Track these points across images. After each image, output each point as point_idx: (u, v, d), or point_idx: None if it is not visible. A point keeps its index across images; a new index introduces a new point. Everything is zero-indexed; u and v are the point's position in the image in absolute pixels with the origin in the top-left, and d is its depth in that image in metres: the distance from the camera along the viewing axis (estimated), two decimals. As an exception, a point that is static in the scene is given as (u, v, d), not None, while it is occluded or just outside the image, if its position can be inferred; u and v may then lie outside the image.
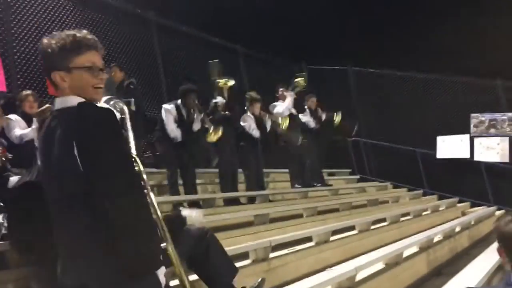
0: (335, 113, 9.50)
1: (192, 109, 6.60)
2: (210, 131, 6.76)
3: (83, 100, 1.96)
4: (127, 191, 1.85)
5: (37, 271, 2.71)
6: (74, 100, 1.95)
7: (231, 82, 7.36)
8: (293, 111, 8.68)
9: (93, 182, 1.80)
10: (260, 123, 7.72)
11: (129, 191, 1.87)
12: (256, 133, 7.63)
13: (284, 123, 7.93)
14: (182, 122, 6.55)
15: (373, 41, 13.22)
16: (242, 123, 7.63)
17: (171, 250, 2.40)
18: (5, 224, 3.06)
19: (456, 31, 12.27)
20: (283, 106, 8.45)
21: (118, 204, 1.80)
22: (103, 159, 1.84)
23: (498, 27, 11.98)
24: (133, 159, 2.14)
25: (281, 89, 8.71)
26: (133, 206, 1.85)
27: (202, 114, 6.73)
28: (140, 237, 1.84)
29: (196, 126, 6.68)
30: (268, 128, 7.91)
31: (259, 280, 3.58)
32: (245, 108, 7.81)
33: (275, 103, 8.60)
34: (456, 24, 12.29)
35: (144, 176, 2.31)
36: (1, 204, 3.23)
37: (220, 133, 6.81)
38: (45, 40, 2.02)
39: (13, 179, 3.61)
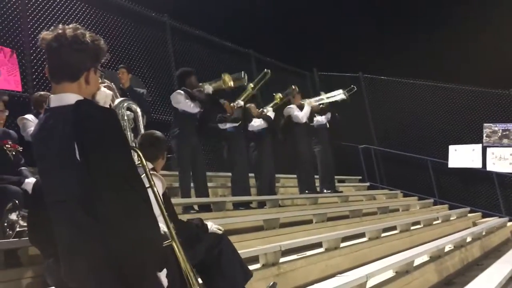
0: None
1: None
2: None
3: (80, 97, 1.89)
4: (130, 192, 1.81)
5: (53, 265, 2.72)
6: (71, 98, 1.88)
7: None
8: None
9: (97, 185, 1.76)
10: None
11: (132, 192, 1.82)
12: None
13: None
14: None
15: (386, 49, 13.20)
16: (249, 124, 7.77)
17: (176, 246, 2.38)
18: (20, 222, 3.09)
19: (470, 40, 12.22)
20: (302, 113, 8.56)
21: (121, 205, 1.77)
22: (109, 161, 1.79)
23: (512, 36, 11.92)
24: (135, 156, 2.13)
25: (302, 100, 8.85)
26: (136, 207, 1.81)
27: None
28: (142, 240, 1.79)
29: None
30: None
31: (270, 284, 3.56)
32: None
33: (292, 106, 8.65)
34: (470, 33, 12.23)
35: (148, 172, 2.31)
36: (16, 201, 3.26)
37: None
38: None
39: (30, 181, 3.65)
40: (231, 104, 7.38)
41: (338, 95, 9.19)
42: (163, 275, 1.96)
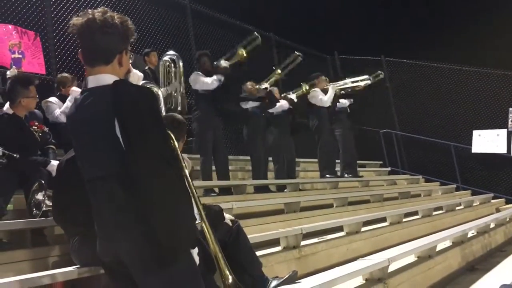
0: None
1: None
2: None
3: (117, 78, 1.95)
4: (167, 168, 1.86)
5: (78, 244, 2.77)
6: (108, 78, 1.94)
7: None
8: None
9: (136, 160, 1.81)
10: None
11: (169, 168, 1.87)
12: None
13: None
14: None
15: (409, 32, 12.95)
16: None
17: (205, 227, 2.43)
18: (46, 201, 3.14)
19: (496, 22, 11.90)
20: (326, 97, 8.46)
21: (158, 181, 1.81)
22: (147, 137, 1.85)
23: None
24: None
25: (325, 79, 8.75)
26: (172, 183, 1.86)
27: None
28: (178, 215, 1.85)
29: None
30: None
31: (290, 273, 3.58)
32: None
33: (316, 90, 8.56)
34: (496, 15, 11.90)
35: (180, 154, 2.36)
36: (42, 181, 3.31)
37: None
38: None
39: (54, 163, 3.70)
40: (256, 86, 7.33)
41: (363, 80, 9.00)
42: (195, 253, 1.99)
